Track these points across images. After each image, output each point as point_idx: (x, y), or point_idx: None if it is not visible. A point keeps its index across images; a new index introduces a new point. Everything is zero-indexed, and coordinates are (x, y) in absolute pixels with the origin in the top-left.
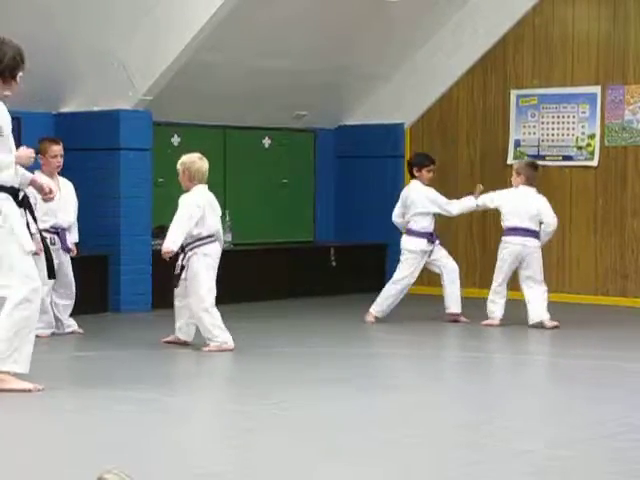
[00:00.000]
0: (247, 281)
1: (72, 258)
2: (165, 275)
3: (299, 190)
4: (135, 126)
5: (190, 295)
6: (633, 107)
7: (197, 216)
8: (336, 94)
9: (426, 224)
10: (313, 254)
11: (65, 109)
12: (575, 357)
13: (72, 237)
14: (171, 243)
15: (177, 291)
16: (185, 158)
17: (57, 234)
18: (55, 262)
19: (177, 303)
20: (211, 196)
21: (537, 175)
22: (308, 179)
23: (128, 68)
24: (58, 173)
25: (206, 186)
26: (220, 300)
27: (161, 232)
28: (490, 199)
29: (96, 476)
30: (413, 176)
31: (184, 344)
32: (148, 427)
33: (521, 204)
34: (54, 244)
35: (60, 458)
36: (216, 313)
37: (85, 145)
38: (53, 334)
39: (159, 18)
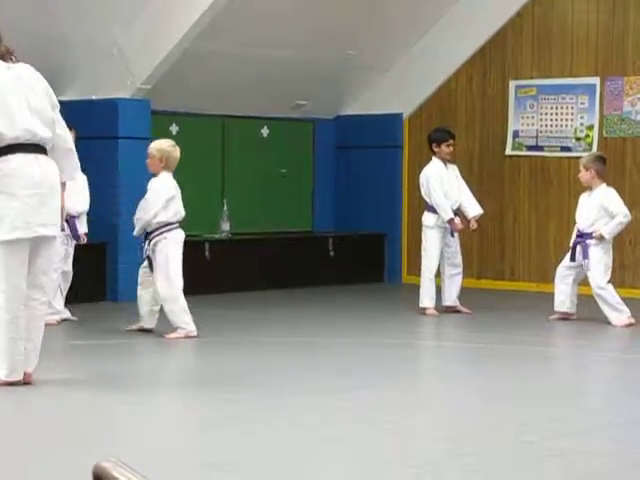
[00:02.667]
0: (245, 271)
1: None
2: None
3: (298, 180)
4: (133, 115)
5: (159, 280)
6: (632, 99)
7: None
8: (335, 84)
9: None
10: (311, 244)
11: (63, 98)
12: (577, 348)
13: (82, 227)
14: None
15: (142, 278)
16: (162, 145)
17: (67, 221)
18: (63, 249)
19: (140, 291)
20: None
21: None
22: (307, 169)
23: (127, 57)
24: None
25: (171, 174)
26: (218, 289)
27: None
28: (620, 208)
29: (93, 465)
30: (433, 152)
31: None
32: (148, 418)
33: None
34: (63, 230)
35: (58, 449)
36: (183, 298)
37: (83, 134)
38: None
39: (158, 7)
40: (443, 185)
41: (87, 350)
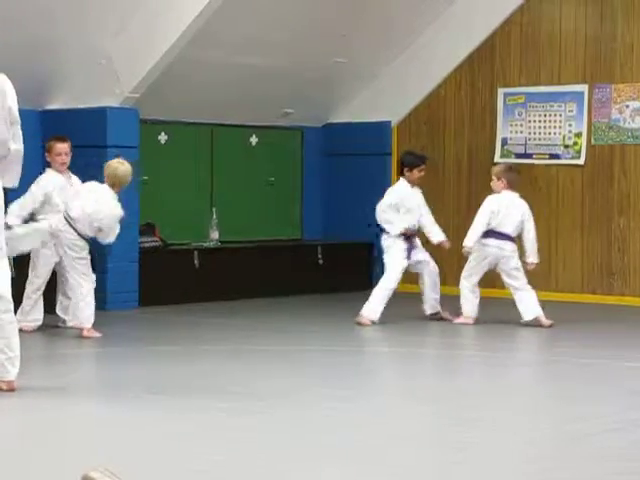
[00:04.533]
0: (234, 279)
1: None
2: (152, 273)
3: (286, 188)
4: (122, 123)
5: None
6: (620, 106)
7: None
8: (324, 92)
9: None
10: (300, 252)
11: (51, 106)
12: (563, 355)
13: None
14: None
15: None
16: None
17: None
18: (55, 259)
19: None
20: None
21: (518, 179)
22: (295, 177)
23: (115, 65)
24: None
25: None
26: (207, 298)
27: (148, 230)
28: (486, 219)
29: (81, 474)
30: (402, 174)
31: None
32: (136, 425)
33: (508, 210)
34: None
35: (46, 457)
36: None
37: (72, 142)
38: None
39: (147, 15)
40: (404, 204)
41: (73, 359)
